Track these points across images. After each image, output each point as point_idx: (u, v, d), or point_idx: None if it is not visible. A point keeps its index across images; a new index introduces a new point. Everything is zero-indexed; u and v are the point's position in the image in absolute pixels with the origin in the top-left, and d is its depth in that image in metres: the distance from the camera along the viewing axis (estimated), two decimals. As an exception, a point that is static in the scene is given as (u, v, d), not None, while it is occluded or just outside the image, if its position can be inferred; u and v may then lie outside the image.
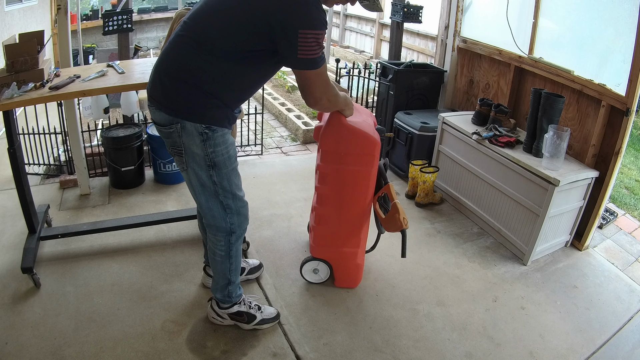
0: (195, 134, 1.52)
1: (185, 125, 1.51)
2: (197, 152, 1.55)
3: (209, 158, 1.56)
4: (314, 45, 1.43)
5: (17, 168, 2.12)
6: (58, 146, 3.35)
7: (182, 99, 1.51)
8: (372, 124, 2.00)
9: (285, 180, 3.22)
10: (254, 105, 4.05)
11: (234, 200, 1.67)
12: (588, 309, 2.21)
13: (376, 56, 8.31)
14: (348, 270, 2.15)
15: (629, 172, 4.53)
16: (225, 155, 1.59)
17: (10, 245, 2.36)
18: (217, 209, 1.66)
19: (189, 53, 1.48)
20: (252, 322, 1.88)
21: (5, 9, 5.11)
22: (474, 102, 3.43)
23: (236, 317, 1.87)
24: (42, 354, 1.73)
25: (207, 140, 1.53)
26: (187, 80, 1.48)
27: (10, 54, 1.97)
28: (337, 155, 1.91)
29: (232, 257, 1.76)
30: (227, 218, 1.68)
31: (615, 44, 2.44)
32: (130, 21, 2.98)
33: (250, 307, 1.89)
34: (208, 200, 1.65)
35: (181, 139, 1.54)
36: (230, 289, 1.83)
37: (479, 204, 2.81)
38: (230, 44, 1.45)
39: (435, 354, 1.87)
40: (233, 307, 1.86)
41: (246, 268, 2.18)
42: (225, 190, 1.63)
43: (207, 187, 1.62)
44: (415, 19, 3.70)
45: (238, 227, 1.72)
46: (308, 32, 1.40)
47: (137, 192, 2.99)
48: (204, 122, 1.51)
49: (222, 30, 1.45)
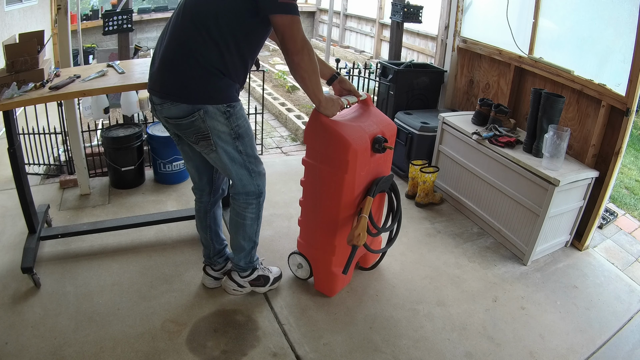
0: (219, 114, 1.64)
1: (207, 109, 1.62)
2: (223, 130, 1.67)
3: (234, 132, 1.70)
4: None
5: (17, 168, 2.12)
6: (58, 146, 3.35)
7: (200, 85, 1.60)
8: (367, 130, 1.91)
9: (285, 180, 3.22)
10: (254, 105, 4.05)
11: (257, 163, 1.82)
12: (588, 309, 2.21)
13: (376, 56, 8.31)
14: (323, 275, 2.10)
15: (629, 172, 4.53)
16: (245, 125, 1.74)
17: (10, 245, 2.36)
18: (245, 177, 1.80)
19: (191, 38, 1.57)
20: (267, 284, 2.05)
21: (5, 9, 5.11)
22: (474, 102, 3.43)
23: (255, 282, 2.04)
24: (42, 354, 1.73)
25: (231, 117, 1.67)
26: (196, 64, 1.57)
27: (10, 54, 1.97)
28: (315, 152, 1.90)
29: (259, 217, 1.92)
30: (255, 181, 1.82)
31: (615, 44, 2.44)
32: (130, 21, 2.98)
33: (264, 270, 2.06)
34: (237, 170, 1.78)
35: (205, 124, 1.64)
36: (254, 252, 1.98)
37: (479, 204, 2.81)
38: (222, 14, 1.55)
39: (435, 354, 1.87)
40: (253, 272, 2.02)
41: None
42: (249, 156, 1.78)
43: (236, 159, 1.75)
44: (415, 19, 3.70)
45: (264, 187, 1.87)
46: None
47: (137, 192, 2.99)
48: (225, 102, 1.64)
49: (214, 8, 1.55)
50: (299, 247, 2.15)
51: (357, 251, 1.94)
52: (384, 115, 2.10)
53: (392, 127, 2.08)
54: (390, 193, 2.14)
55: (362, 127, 1.91)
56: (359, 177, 1.89)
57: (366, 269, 2.31)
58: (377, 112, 2.08)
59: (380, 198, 2.19)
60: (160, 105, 1.66)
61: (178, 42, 1.60)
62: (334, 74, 1.99)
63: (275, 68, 7.52)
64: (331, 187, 1.89)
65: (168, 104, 1.63)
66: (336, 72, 2.00)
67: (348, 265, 1.95)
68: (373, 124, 1.98)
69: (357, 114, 2.02)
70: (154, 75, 1.67)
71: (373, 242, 2.23)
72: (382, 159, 2.06)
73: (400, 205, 2.15)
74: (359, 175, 1.89)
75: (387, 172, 2.13)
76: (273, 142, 4.26)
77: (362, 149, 1.85)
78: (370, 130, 1.93)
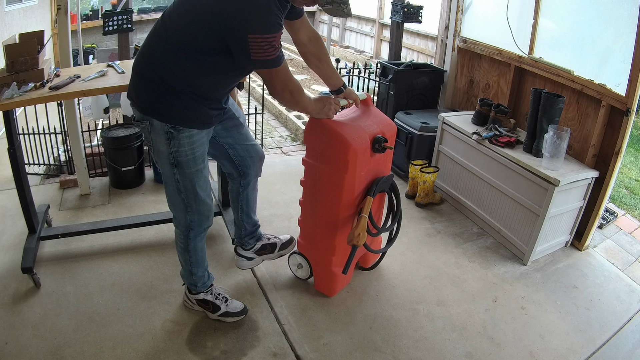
0: (161, 132, 1.56)
1: (153, 122, 1.56)
2: (162, 150, 1.60)
3: (172, 157, 1.60)
4: (267, 48, 1.41)
5: (17, 168, 2.12)
6: (58, 146, 3.35)
7: (149, 97, 1.54)
8: (367, 130, 1.90)
9: (285, 180, 3.22)
10: (254, 105, 4.05)
11: (196, 201, 1.70)
12: (588, 309, 2.21)
13: (376, 56, 8.31)
14: (323, 276, 2.10)
15: (629, 172, 4.53)
16: (189, 155, 1.61)
17: (10, 245, 2.36)
18: (178, 204, 1.72)
19: (158, 51, 1.52)
20: (216, 312, 1.91)
21: (5, 9, 5.11)
22: (474, 102, 3.43)
23: (202, 305, 1.93)
24: (42, 354, 1.73)
25: (172, 140, 1.56)
26: (154, 78, 1.52)
27: (10, 54, 1.97)
28: (315, 152, 1.90)
29: (190, 251, 1.81)
30: (187, 215, 1.73)
31: (615, 44, 2.44)
32: (130, 21, 2.98)
33: (216, 298, 1.92)
34: (171, 195, 1.71)
35: (150, 135, 1.60)
36: (194, 279, 1.88)
37: (479, 204, 2.81)
38: (191, 40, 1.46)
39: (435, 354, 1.87)
40: (199, 294, 1.92)
41: (277, 244, 2.15)
42: (187, 189, 1.67)
43: (170, 184, 1.67)
44: (415, 19, 3.70)
45: (197, 225, 1.76)
46: (257, 36, 1.38)
47: (137, 192, 2.99)
48: (169, 122, 1.54)
49: (184, 27, 1.47)
50: (299, 247, 2.15)
51: (357, 251, 1.94)
52: (384, 115, 2.09)
53: (392, 127, 2.07)
54: (390, 193, 2.13)
55: (362, 127, 1.90)
56: (359, 177, 1.89)
57: (366, 269, 2.31)
58: (377, 112, 2.07)
59: (381, 198, 2.18)
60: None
61: (144, 48, 1.56)
62: (341, 87, 1.95)
63: (275, 68, 7.50)
64: (331, 187, 1.89)
65: (130, 103, 1.63)
66: (343, 85, 1.96)
67: (348, 265, 1.95)
68: (373, 123, 1.97)
69: (357, 114, 2.01)
70: None
71: (373, 242, 2.23)
72: (382, 158, 2.05)
73: (400, 205, 2.15)
74: (359, 175, 1.88)
75: (387, 172, 2.12)
76: (273, 142, 4.26)
77: (362, 148, 1.84)
78: (371, 130, 1.92)
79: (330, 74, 1.92)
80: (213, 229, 2.52)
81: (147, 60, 1.54)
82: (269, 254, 2.14)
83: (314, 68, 1.91)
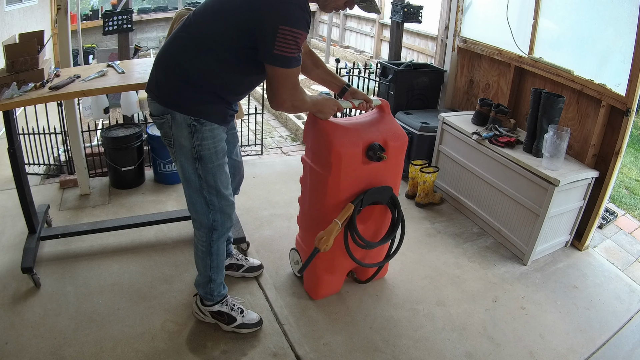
0: (184, 125, 1.55)
1: (175, 116, 1.55)
2: (185, 144, 1.58)
3: (195, 151, 1.58)
4: (291, 44, 1.43)
5: (17, 168, 2.12)
6: (58, 146, 3.35)
7: (173, 91, 1.56)
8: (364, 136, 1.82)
9: (285, 180, 3.22)
10: (254, 105, 4.05)
11: (218, 198, 1.67)
12: (588, 309, 2.21)
13: (376, 56, 8.31)
14: (309, 276, 2.08)
15: (629, 172, 4.53)
16: (212, 149, 1.60)
17: (10, 245, 2.36)
18: (200, 204, 1.68)
19: (185, 50, 1.54)
20: (231, 324, 1.86)
21: (5, 9, 5.11)
22: (474, 102, 3.43)
23: (217, 316, 1.88)
24: (42, 354, 1.73)
25: (195, 133, 1.56)
26: (179, 73, 1.54)
27: (10, 54, 1.97)
28: (309, 151, 1.91)
29: (212, 254, 1.77)
30: (210, 214, 1.69)
31: (615, 44, 2.44)
32: (130, 21, 2.98)
33: (232, 309, 1.88)
34: (192, 194, 1.67)
35: (171, 130, 1.59)
36: (212, 286, 1.84)
37: (479, 204, 2.81)
38: (221, 40, 1.49)
39: (435, 354, 1.87)
40: (214, 305, 1.87)
41: (245, 266, 2.19)
42: (209, 185, 1.64)
43: (192, 181, 1.64)
44: (415, 19, 3.70)
45: (220, 225, 1.72)
46: (287, 29, 1.40)
47: (137, 192, 2.99)
48: (192, 115, 1.54)
49: (214, 27, 1.50)
50: (296, 243, 2.17)
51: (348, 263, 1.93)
52: (396, 125, 1.95)
53: (400, 137, 1.92)
54: (393, 208, 2.00)
55: (360, 131, 1.83)
56: (345, 182, 1.82)
57: (362, 282, 2.21)
58: (390, 120, 1.95)
59: (377, 210, 2.00)
60: (147, 99, 1.66)
61: (171, 44, 1.59)
62: (344, 86, 1.94)
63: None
64: (318, 188, 1.88)
65: (149, 99, 1.63)
66: (346, 85, 1.95)
67: (304, 266, 1.94)
68: (376, 130, 1.87)
69: (367, 119, 1.93)
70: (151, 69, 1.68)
71: (367, 256, 2.08)
72: (382, 168, 1.90)
73: (401, 222, 2.03)
74: (345, 180, 1.81)
75: (391, 183, 1.96)
76: (273, 142, 4.26)
77: (350, 153, 1.78)
78: (369, 137, 1.83)
79: (330, 77, 1.94)
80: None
81: (173, 55, 1.56)
82: (233, 272, 2.17)
83: (313, 75, 1.94)
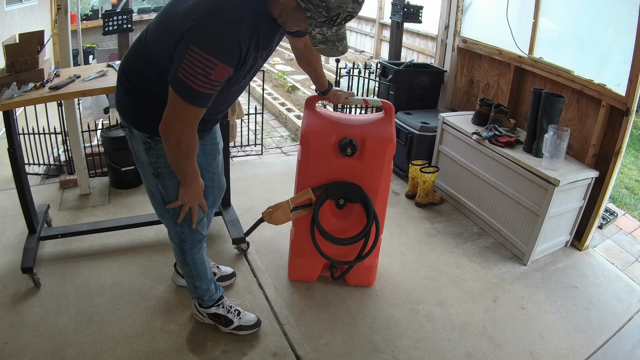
0: (140, 141, 1.48)
1: (132, 130, 1.49)
2: (143, 160, 1.53)
3: (152, 167, 1.51)
4: (199, 73, 1.19)
5: (17, 168, 2.12)
6: (58, 146, 3.35)
7: (129, 105, 1.48)
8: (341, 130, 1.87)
9: (285, 180, 3.22)
10: (254, 105, 4.05)
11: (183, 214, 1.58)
12: (588, 309, 2.21)
13: (376, 56, 8.31)
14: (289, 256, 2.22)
15: (629, 172, 4.53)
16: (169, 167, 1.45)
17: (10, 245, 2.36)
18: (166, 218, 1.63)
19: (134, 60, 1.44)
20: (229, 326, 1.86)
21: (5, 9, 5.11)
22: (474, 102, 3.43)
23: (214, 318, 1.88)
24: (42, 354, 1.73)
25: (150, 150, 1.48)
26: (131, 86, 1.44)
27: (10, 54, 1.97)
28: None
29: (188, 264, 1.73)
30: (177, 227, 1.64)
31: (615, 44, 2.44)
32: (130, 21, 2.98)
33: (228, 312, 1.87)
34: (157, 207, 1.62)
35: (131, 143, 1.53)
36: (199, 292, 1.81)
37: (479, 204, 2.81)
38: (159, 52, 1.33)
39: (435, 354, 1.87)
40: (211, 308, 1.86)
41: (216, 274, 2.11)
42: (172, 202, 1.55)
43: (155, 195, 1.59)
44: (415, 19, 3.70)
45: (190, 237, 1.67)
46: (199, 52, 1.17)
47: (137, 192, 2.98)
48: (146, 132, 1.45)
49: (157, 38, 1.35)
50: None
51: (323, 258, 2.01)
52: (388, 130, 1.92)
53: (383, 141, 1.88)
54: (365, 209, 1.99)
55: (339, 125, 1.89)
56: (314, 169, 1.93)
57: (334, 279, 2.16)
58: (386, 124, 1.94)
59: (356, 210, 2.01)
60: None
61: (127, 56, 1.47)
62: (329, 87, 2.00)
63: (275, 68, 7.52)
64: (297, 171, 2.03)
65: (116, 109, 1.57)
66: (330, 84, 2.00)
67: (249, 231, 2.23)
68: (360, 129, 1.89)
69: (363, 117, 2.00)
70: None
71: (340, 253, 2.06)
72: (360, 168, 1.92)
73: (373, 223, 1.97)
74: (314, 168, 1.93)
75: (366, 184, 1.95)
76: (273, 142, 4.26)
77: (318, 142, 1.89)
78: (346, 132, 1.87)
79: (319, 77, 1.96)
80: (213, 229, 2.52)
81: (125, 68, 1.46)
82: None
83: (305, 68, 1.96)
